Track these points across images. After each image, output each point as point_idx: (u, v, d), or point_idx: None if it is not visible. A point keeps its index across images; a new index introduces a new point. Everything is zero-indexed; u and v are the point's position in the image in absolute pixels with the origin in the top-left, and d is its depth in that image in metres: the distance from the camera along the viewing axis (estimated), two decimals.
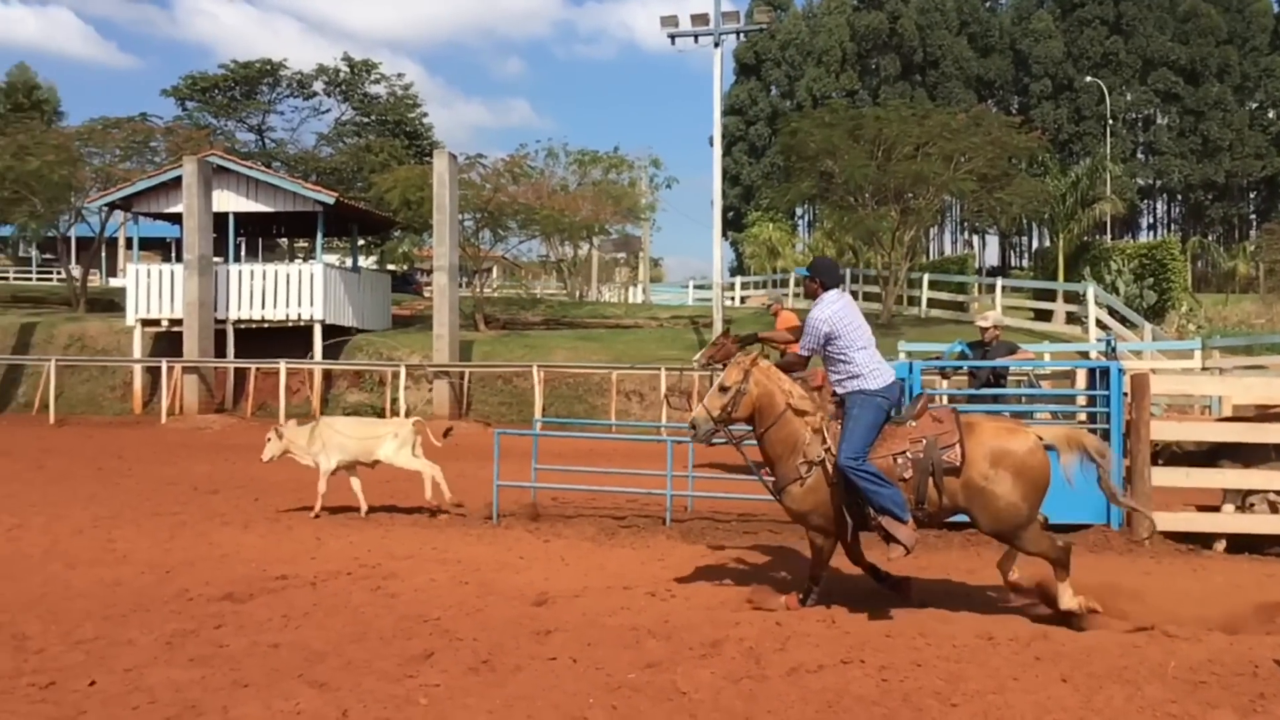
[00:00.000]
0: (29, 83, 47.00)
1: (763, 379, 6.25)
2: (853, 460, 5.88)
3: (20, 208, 29.46)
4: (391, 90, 43.53)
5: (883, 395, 6.08)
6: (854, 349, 6.15)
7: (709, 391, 6.41)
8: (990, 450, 5.90)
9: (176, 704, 4.49)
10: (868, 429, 5.97)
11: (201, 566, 7.42)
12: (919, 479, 5.91)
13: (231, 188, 24.29)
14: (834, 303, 6.26)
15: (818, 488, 6.08)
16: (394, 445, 9.74)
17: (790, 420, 6.18)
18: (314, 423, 10.08)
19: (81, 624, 5.79)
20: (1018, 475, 5.86)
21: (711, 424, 6.28)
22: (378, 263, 37.24)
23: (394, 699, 4.59)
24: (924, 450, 5.91)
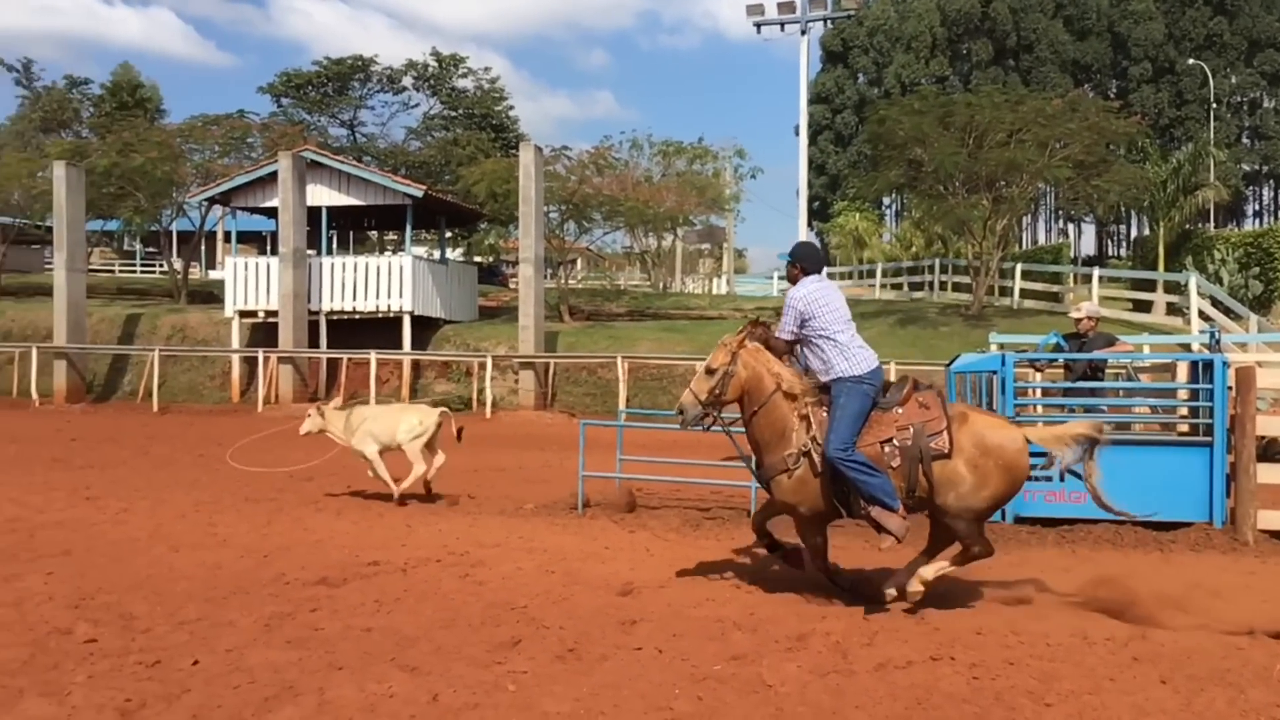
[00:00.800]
0: (133, 82, 48.62)
1: (751, 361, 6.16)
2: (841, 450, 5.82)
3: (126, 203, 30.60)
4: (478, 84, 44.06)
5: (868, 381, 6.00)
6: (832, 331, 6.07)
7: (696, 374, 6.33)
8: (981, 442, 5.88)
9: (275, 684, 4.62)
10: (855, 417, 5.90)
11: (297, 551, 7.62)
12: (908, 467, 5.86)
13: (324, 182, 24.86)
14: (811, 285, 6.19)
15: (806, 479, 6.01)
16: (408, 430, 9.80)
17: (779, 404, 6.10)
18: (350, 409, 10.30)
19: (185, 605, 5.99)
20: (1004, 471, 5.88)
21: (700, 408, 6.19)
22: (465, 255, 37.76)
23: (483, 685, 4.66)
24: (912, 438, 5.87)
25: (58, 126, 46.01)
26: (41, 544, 7.78)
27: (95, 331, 25.37)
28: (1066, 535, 8.33)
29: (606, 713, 4.35)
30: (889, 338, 24.00)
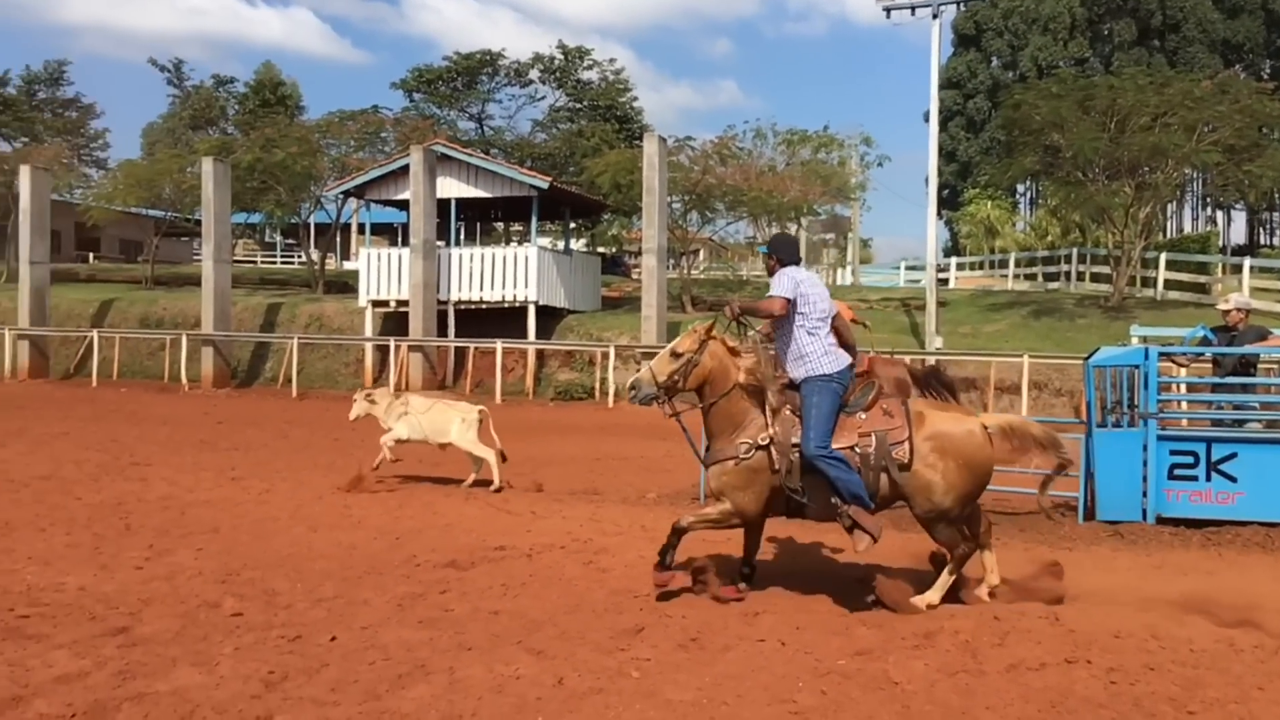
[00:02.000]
0: (274, 80, 50.64)
1: (719, 352, 6.09)
2: (821, 448, 5.74)
3: (268, 197, 31.92)
4: (603, 76, 44.36)
5: (838, 380, 5.93)
6: (812, 325, 5.98)
7: (659, 354, 6.23)
8: (938, 440, 5.80)
9: (408, 662, 4.76)
10: (828, 415, 5.83)
11: (428, 534, 7.84)
12: (868, 476, 5.79)
13: (453, 174, 25.44)
14: (800, 271, 6.14)
15: (757, 469, 5.89)
16: (459, 430, 10.18)
17: (740, 398, 6.03)
18: (394, 397, 10.58)
19: (322, 583, 6.23)
20: (962, 466, 5.78)
21: (654, 388, 6.08)
22: (588, 245, 38.12)
23: (607, 670, 4.71)
24: (874, 446, 5.80)
25: (205, 124, 48.36)
26: (191, 521, 8.20)
27: (239, 320, 26.56)
28: (1212, 538, 7.95)
29: (729, 703, 4.35)
30: (1022, 330, 23.27)
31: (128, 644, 4.98)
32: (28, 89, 49.25)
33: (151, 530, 7.79)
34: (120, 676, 4.50)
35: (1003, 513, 9.20)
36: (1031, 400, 19.21)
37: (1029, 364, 19.22)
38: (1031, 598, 5.94)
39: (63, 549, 7.08)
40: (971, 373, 20.60)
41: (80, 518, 8.21)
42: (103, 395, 21.88)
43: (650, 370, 6.13)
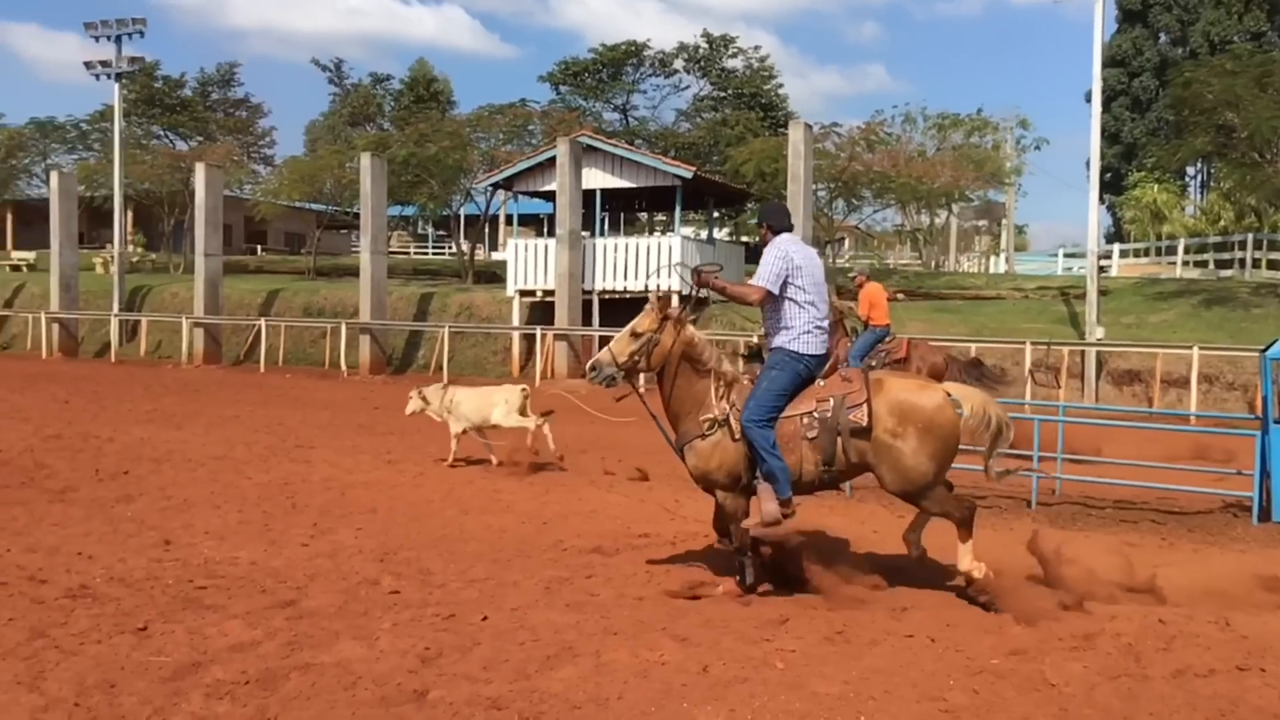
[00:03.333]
0: (428, 76, 52.15)
1: (677, 331, 5.99)
2: (754, 422, 5.67)
3: (421, 190, 32.98)
4: (748, 63, 44.09)
5: (807, 362, 5.82)
6: (801, 299, 5.84)
7: (619, 334, 6.13)
8: (897, 407, 5.68)
9: (555, 644, 4.87)
10: (779, 393, 5.75)
11: (573, 520, 7.98)
12: (825, 439, 5.70)
13: (598, 165, 25.72)
14: (793, 242, 5.97)
15: (723, 445, 5.80)
16: (503, 411, 10.44)
17: (699, 375, 5.94)
18: (445, 390, 10.90)
19: (474, 565, 6.43)
20: (925, 433, 5.64)
21: (615, 368, 6.01)
22: (731, 234, 37.99)
23: (751, 660, 4.70)
24: (831, 410, 5.70)
25: (364, 120, 50.23)
26: (351, 502, 8.56)
27: (394, 309, 27.54)
28: None
29: (876, 698, 4.28)
30: (1192, 319, 22.04)
31: (295, 616, 5.25)
32: (202, 91, 52.16)
33: (315, 510, 8.17)
34: (289, 647, 4.75)
35: (1171, 512, 8.78)
36: (1201, 395, 18.20)
37: (1199, 356, 18.18)
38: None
39: (235, 525, 7.51)
40: (1135, 365, 19.67)
41: (251, 496, 8.68)
42: (269, 381, 23.05)
43: (610, 351, 6.09)
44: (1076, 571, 5.89)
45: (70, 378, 21.39)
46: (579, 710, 4.10)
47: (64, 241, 30.62)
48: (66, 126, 47.62)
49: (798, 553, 6.03)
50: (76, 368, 25.65)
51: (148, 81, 45.93)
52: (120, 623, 5.04)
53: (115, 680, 4.26)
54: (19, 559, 6.26)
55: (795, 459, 5.75)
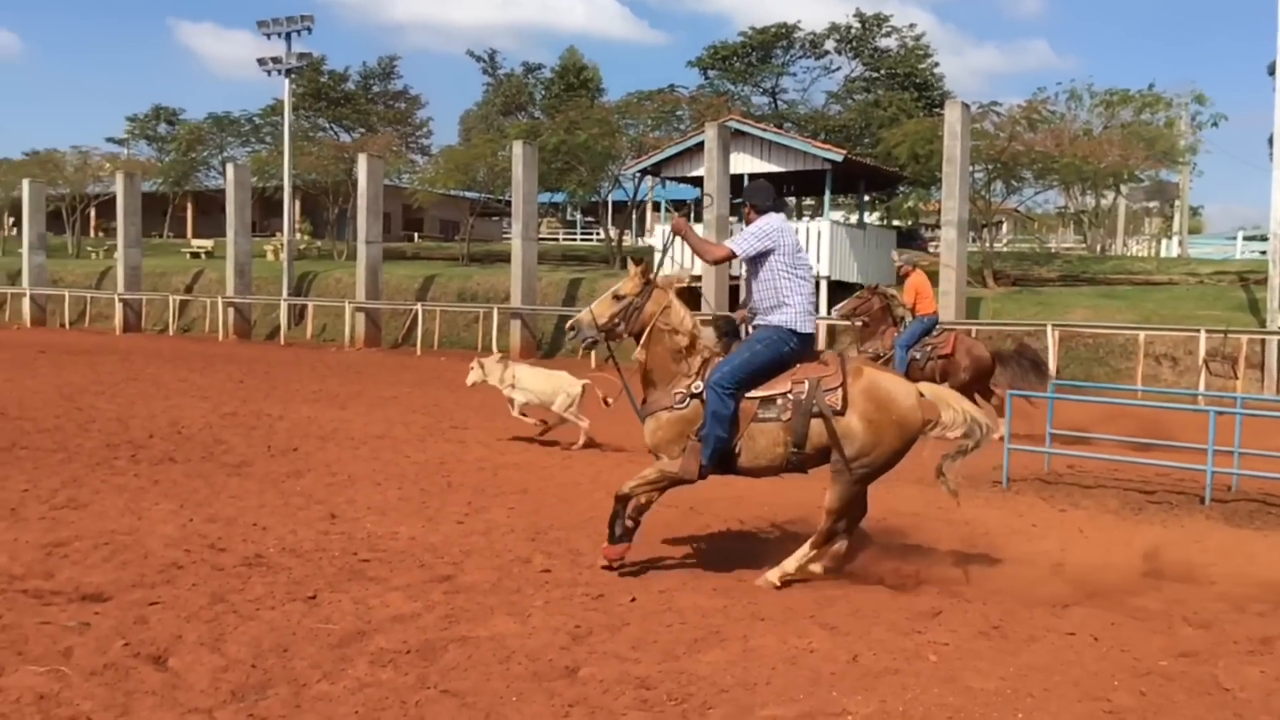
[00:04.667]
0: (578, 64, 52.83)
1: (660, 299, 5.94)
2: (721, 388, 5.60)
3: (570, 177, 33.50)
4: (902, 42, 42.95)
5: (794, 343, 5.76)
6: (791, 274, 5.78)
7: (601, 296, 6.05)
8: (873, 395, 5.65)
9: (703, 628, 4.89)
10: (756, 368, 5.67)
11: (718, 505, 7.97)
12: (798, 420, 5.63)
13: (747, 150, 25.57)
14: (782, 221, 5.92)
15: (692, 419, 5.71)
16: (564, 401, 10.69)
17: (677, 346, 5.88)
18: (506, 365, 11.19)
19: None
20: (897, 426, 5.66)
21: (595, 330, 5.96)
22: (882, 219, 37.21)
23: (903, 651, 4.62)
24: (806, 392, 5.64)
25: (515, 109, 51.29)
26: (503, 482, 8.79)
27: (543, 294, 28.09)
28: None
29: (1035, 696, 4.14)
30: None
31: (452, 591, 5.43)
32: (364, 84, 54.25)
33: (469, 489, 8.42)
34: (446, 620, 4.92)
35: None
36: None
37: None
38: None
39: (395, 501, 7.82)
40: None
41: (409, 474, 9.01)
42: (425, 363, 23.85)
43: (591, 312, 6.03)
44: None
45: (244, 359, 22.64)
46: (727, 694, 4.10)
47: (239, 230, 32.36)
48: (241, 121, 50.43)
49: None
50: (249, 349, 27.13)
51: (314, 76, 48.11)
52: (292, 591, 5.32)
53: (288, 645, 4.50)
54: (201, 528, 6.67)
55: (766, 441, 5.71)
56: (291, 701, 3.90)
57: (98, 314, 35.05)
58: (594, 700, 4.01)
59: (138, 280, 34.74)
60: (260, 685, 4.05)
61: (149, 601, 5.04)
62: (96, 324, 34.41)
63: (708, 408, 5.64)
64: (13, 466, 8.65)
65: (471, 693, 4.04)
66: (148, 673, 4.11)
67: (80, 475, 8.36)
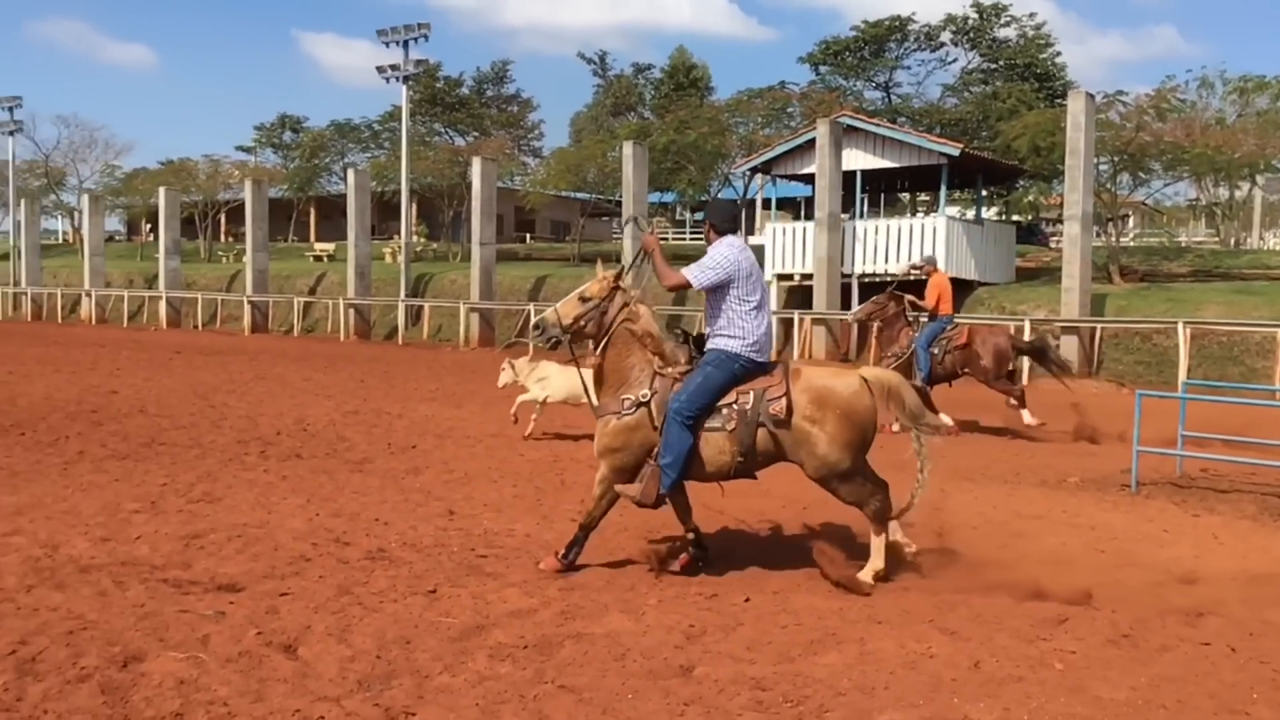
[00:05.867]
0: (687, 64, 52.81)
1: (623, 304, 5.97)
2: (680, 416, 5.63)
3: (680, 176, 33.53)
4: (1021, 32, 41.66)
5: (744, 363, 5.75)
6: (743, 303, 5.78)
7: (567, 297, 6.12)
8: (815, 394, 5.67)
9: (818, 630, 4.84)
10: (712, 390, 5.70)
11: (833, 506, 7.79)
12: (744, 431, 5.68)
13: (859, 146, 25.19)
14: (742, 248, 5.90)
15: (636, 427, 5.76)
16: None
17: (632, 352, 5.91)
18: (536, 364, 11.29)
19: (736, 546, 6.50)
20: (842, 418, 5.65)
21: (559, 329, 6.00)
22: (1000, 214, 36.23)
23: (1027, 659, 4.49)
24: (751, 402, 5.68)
25: (625, 110, 51.55)
26: None
27: (653, 294, 28.16)
28: None
29: (1168, 707, 3.99)
30: None
31: (567, 588, 5.50)
32: (478, 88, 55.25)
33: (582, 486, 8.49)
34: (562, 616, 4.99)
35: None
36: None
37: None
38: None
39: (511, 499, 7.95)
40: None
41: (524, 472, 9.16)
42: None
43: (557, 312, 6.08)
44: None
45: (364, 358, 23.33)
46: (844, 697, 4.06)
47: (359, 233, 33.35)
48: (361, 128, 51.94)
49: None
50: (369, 349, 27.93)
51: (430, 82, 49.18)
52: (413, 584, 5.46)
53: (410, 637, 4.62)
54: (326, 523, 6.90)
55: (712, 450, 5.73)
56: (415, 692, 4.01)
57: (227, 315, 36.56)
58: (709, 700, 4.01)
59: (265, 283, 36.10)
60: (385, 676, 4.17)
61: (279, 592, 5.24)
62: (227, 325, 35.90)
63: (668, 436, 5.70)
64: (153, 461, 9.10)
65: (588, 689, 4.09)
66: (279, 661, 4.28)
67: (214, 470, 8.74)
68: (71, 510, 7.05)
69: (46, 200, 54.01)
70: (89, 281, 40.75)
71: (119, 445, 9.89)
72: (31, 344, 24.84)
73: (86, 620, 4.68)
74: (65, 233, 61.86)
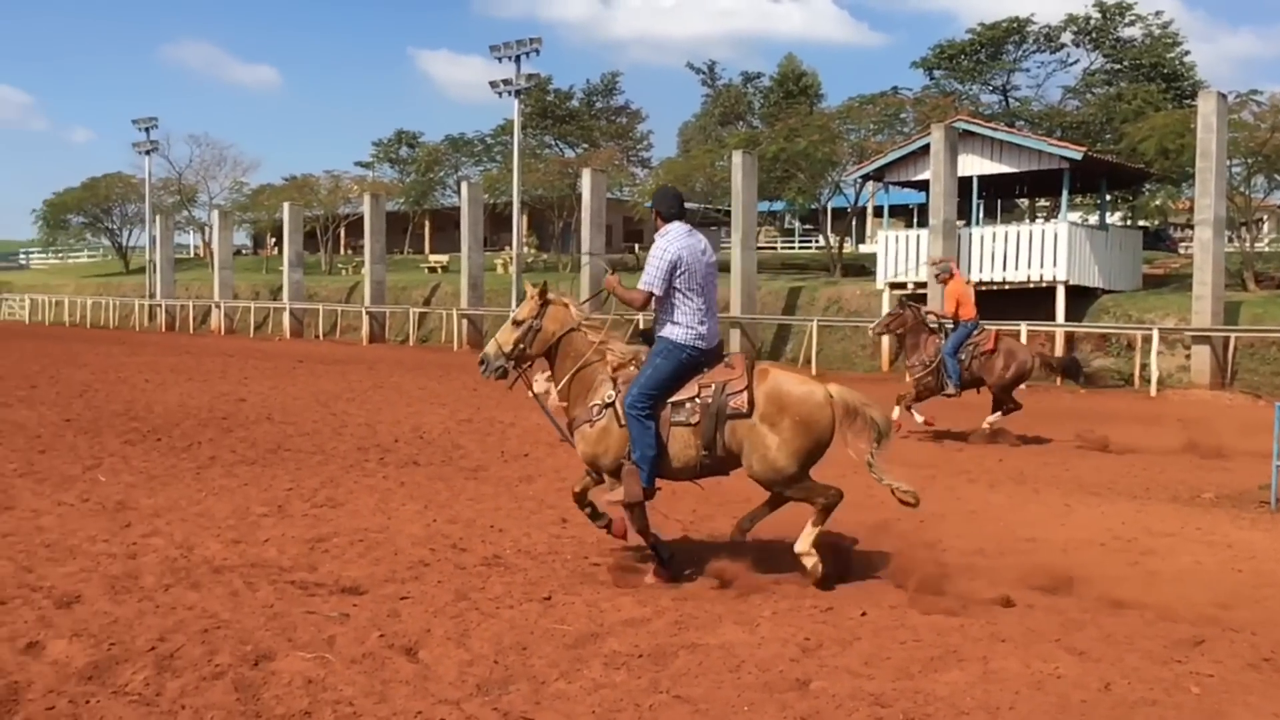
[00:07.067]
0: (796, 71, 52.39)
1: (559, 315, 6.05)
2: (635, 409, 5.66)
3: (789, 185, 33.27)
4: (1147, 31, 40.15)
5: (690, 351, 5.77)
6: (684, 291, 5.78)
7: (504, 324, 6.14)
8: (777, 397, 5.65)
9: (938, 646, 4.72)
10: (662, 381, 5.71)
11: (952, 520, 7.70)
12: (706, 424, 5.68)
13: (975, 151, 24.63)
14: (681, 236, 5.85)
15: (610, 430, 5.80)
16: None
17: (590, 359, 5.95)
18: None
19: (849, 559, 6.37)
20: (800, 425, 5.62)
21: (503, 359, 6.07)
22: (1125, 218, 34.96)
23: (1161, 682, 4.31)
24: (713, 395, 5.68)
25: (734, 119, 51.49)
26: (727, 491, 8.69)
27: (763, 303, 28.02)
28: None
29: None
30: None
31: (680, 597, 5.49)
32: (587, 101, 55.87)
33: (695, 496, 8.42)
34: (676, 626, 4.98)
35: None
36: None
37: None
38: None
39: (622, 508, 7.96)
40: None
41: None
42: None
43: (496, 342, 6.13)
44: None
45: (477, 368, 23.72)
46: (967, 716, 3.94)
47: (472, 245, 34.03)
48: (474, 142, 53.08)
49: None
50: None
51: (541, 95, 49.98)
52: (528, 591, 5.53)
53: (527, 643, 4.67)
54: (443, 529, 7.04)
55: (678, 445, 5.74)
56: (532, 698, 4.05)
57: (346, 326, 37.71)
58: (827, 714, 3.95)
59: (382, 294, 37.12)
60: (503, 680, 4.22)
61: (400, 596, 5.37)
62: (346, 335, 37.03)
63: (631, 432, 5.73)
64: (279, 467, 9.43)
65: (703, 700, 4.07)
66: (401, 663, 4.37)
67: (336, 476, 9.01)
68: (205, 513, 7.35)
69: (179, 216, 56.56)
70: (218, 294, 42.53)
71: (247, 451, 10.28)
72: (166, 353, 26.04)
73: (220, 619, 4.87)
74: (196, 247, 64.73)
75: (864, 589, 5.76)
